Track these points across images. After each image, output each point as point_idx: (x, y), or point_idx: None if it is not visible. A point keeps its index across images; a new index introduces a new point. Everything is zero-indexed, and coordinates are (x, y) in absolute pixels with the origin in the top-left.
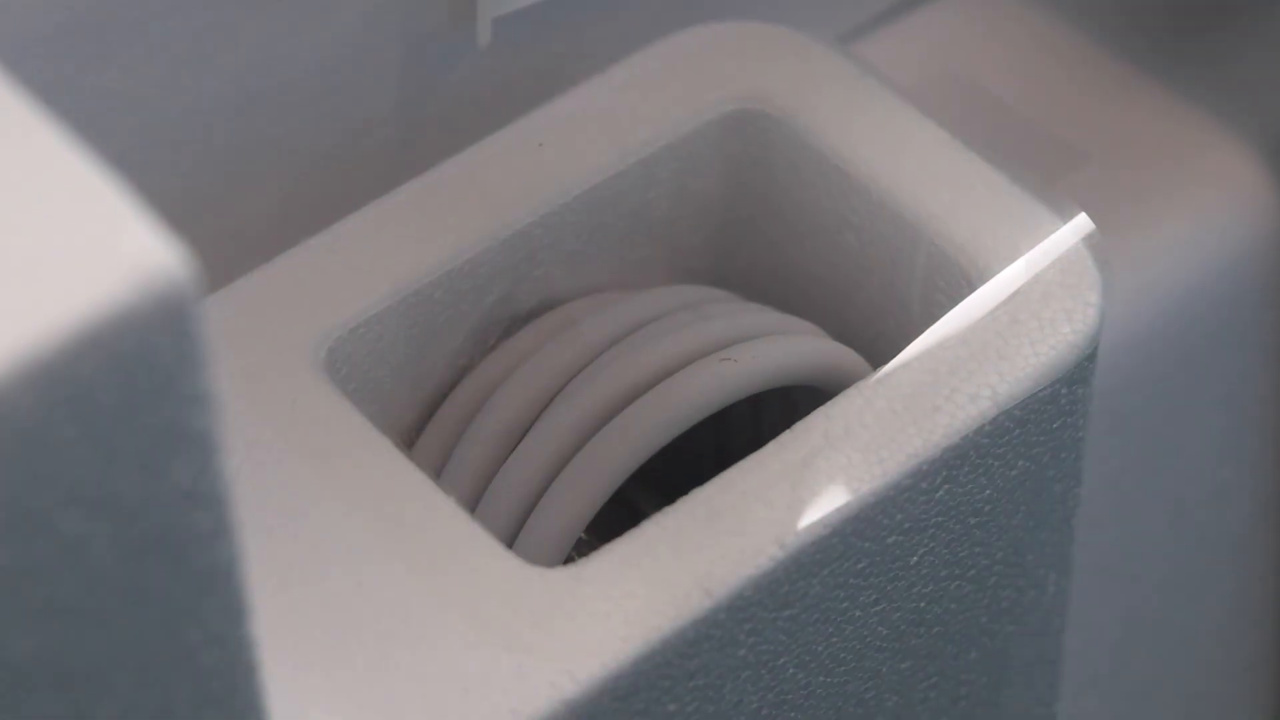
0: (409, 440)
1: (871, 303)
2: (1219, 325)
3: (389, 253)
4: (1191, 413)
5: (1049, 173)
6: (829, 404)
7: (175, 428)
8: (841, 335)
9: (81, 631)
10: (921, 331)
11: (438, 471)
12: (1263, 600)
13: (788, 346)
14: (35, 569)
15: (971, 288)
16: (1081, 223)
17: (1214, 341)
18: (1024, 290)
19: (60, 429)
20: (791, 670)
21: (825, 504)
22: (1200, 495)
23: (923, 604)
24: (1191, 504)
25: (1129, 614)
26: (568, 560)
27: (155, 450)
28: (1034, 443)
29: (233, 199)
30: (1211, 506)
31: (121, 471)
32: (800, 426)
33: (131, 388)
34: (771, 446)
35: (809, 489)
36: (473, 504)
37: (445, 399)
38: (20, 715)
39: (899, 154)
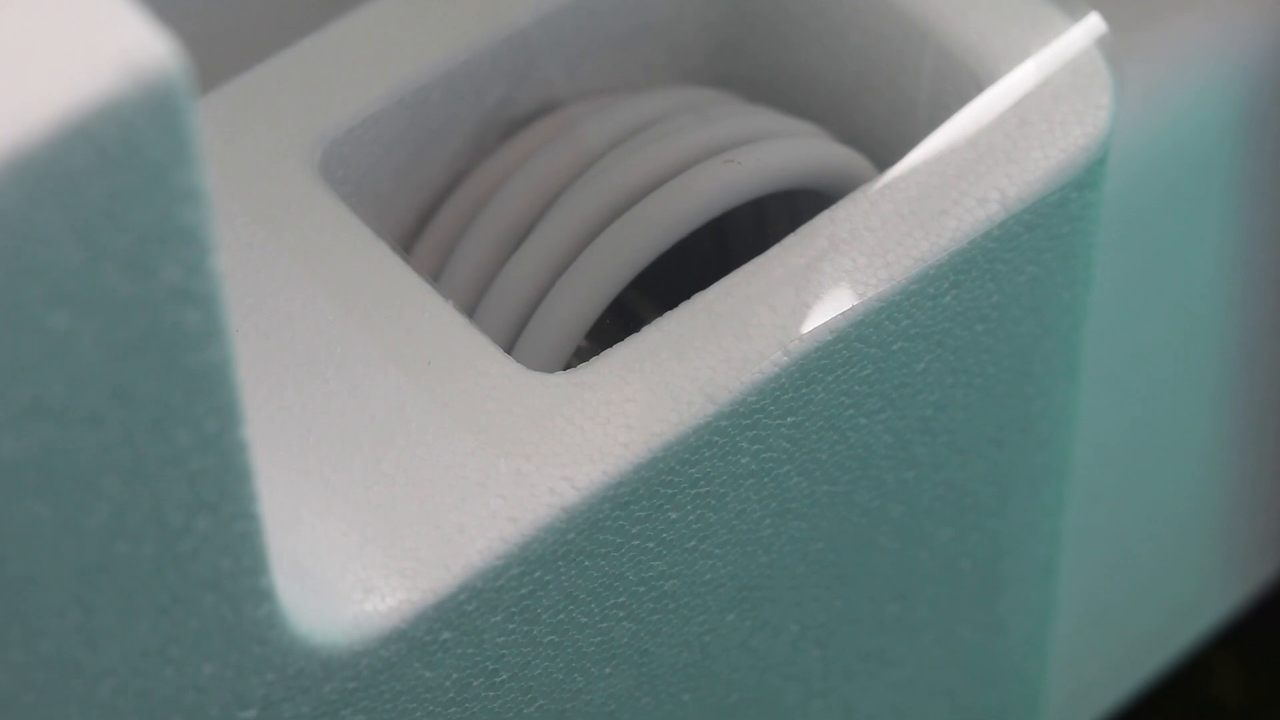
0: (406, 245)
1: (878, 106)
2: (1233, 130)
3: (386, 53)
4: (1203, 219)
5: None
6: (834, 207)
7: (165, 224)
8: (847, 139)
9: (69, 433)
10: (929, 134)
11: (436, 276)
12: (1273, 413)
13: (792, 148)
14: (22, 367)
15: (980, 90)
16: (1093, 23)
17: (1228, 146)
18: (1034, 92)
19: (46, 224)
20: (795, 479)
21: (830, 308)
22: (1211, 303)
23: (928, 412)
24: (1202, 312)
25: (1138, 424)
26: (568, 367)
27: (144, 247)
28: (1043, 248)
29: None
30: (1223, 314)
31: (110, 268)
32: (805, 230)
33: (120, 182)
34: (775, 250)
35: (814, 293)
36: (471, 308)
37: (443, 203)
38: (6, 519)
39: None
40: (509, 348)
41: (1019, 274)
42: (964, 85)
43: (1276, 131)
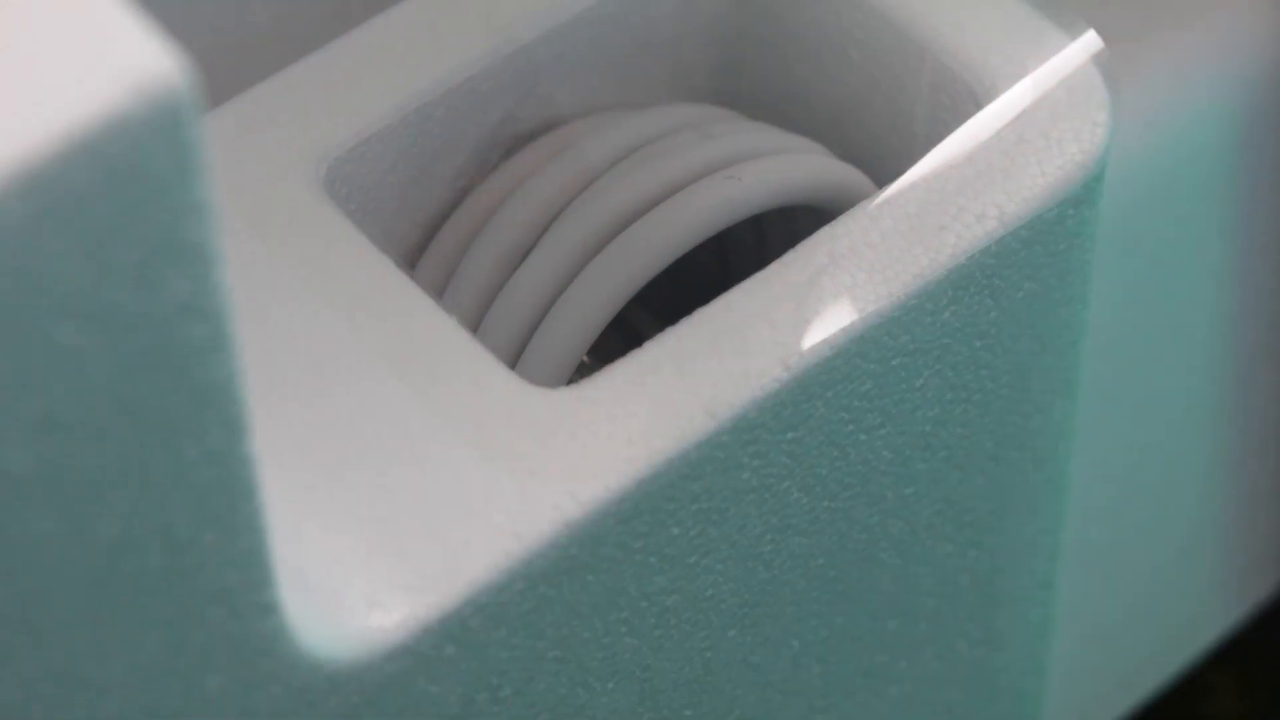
0: (410, 261)
1: (876, 122)
2: (1229, 147)
3: (390, 70)
4: (1200, 236)
5: None
6: (834, 223)
7: (171, 239)
8: (847, 155)
9: (77, 446)
10: (927, 151)
11: (440, 292)
12: (1271, 427)
13: (792, 164)
14: (30, 382)
15: (978, 106)
16: (1090, 40)
17: (1224, 164)
18: (1031, 109)
19: (53, 239)
20: (795, 494)
21: (830, 324)
22: (1209, 320)
23: (927, 428)
24: (1200, 328)
25: (1135, 440)
26: (570, 382)
27: (151, 262)
28: (1040, 264)
29: (231, 13)
30: (1221, 330)
31: (116, 283)
32: (805, 246)
33: (126, 197)
34: (775, 266)
35: (814, 309)
36: (475, 324)
37: (447, 220)
38: (15, 532)
39: None
40: (513, 363)
41: (1017, 290)
42: (962, 102)
43: (1273, 148)
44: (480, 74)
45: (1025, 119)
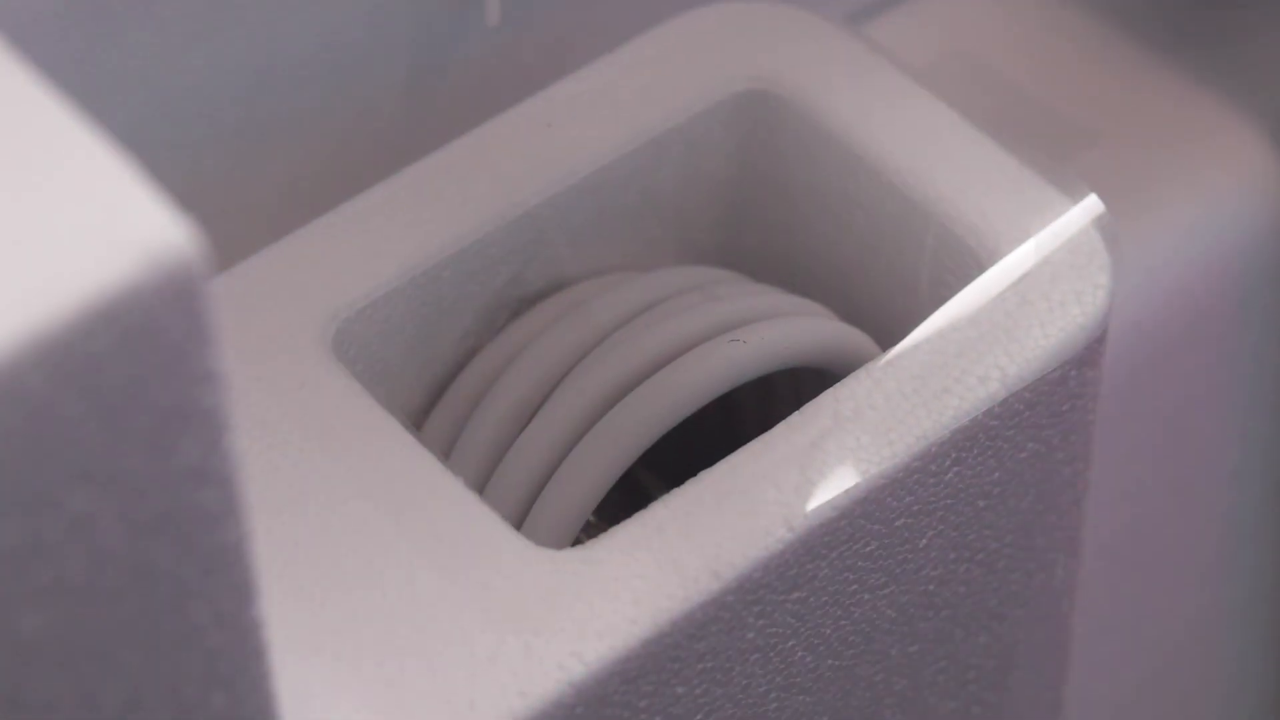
0: (418, 421)
1: (880, 284)
2: (1228, 308)
3: (398, 233)
4: (1200, 396)
5: (1059, 154)
6: (838, 385)
7: (184, 405)
8: (850, 316)
9: (89, 609)
10: (930, 313)
11: (447, 452)
12: (1271, 586)
13: (796, 328)
14: (43, 546)
15: (981, 269)
16: (1091, 204)
17: (1223, 324)
18: (1033, 272)
19: (68, 406)
20: (800, 653)
21: (834, 486)
22: (1210, 479)
23: (931, 587)
24: (1201, 488)
25: (1137, 599)
26: (576, 542)
27: (164, 428)
28: (1043, 425)
29: (241, 178)
30: (1221, 490)
31: (129, 449)
32: (809, 408)
33: (140, 365)
34: (780, 428)
35: (818, 471)
36: (482, 485)
37: (454, 380)
38: (28, 693)
39: (908, 135)
40: (519, 522)
41: (1020, 450)
42: (965, 264)
43: (1273, 307)
44: (487, 237)
45: (1027, 281)
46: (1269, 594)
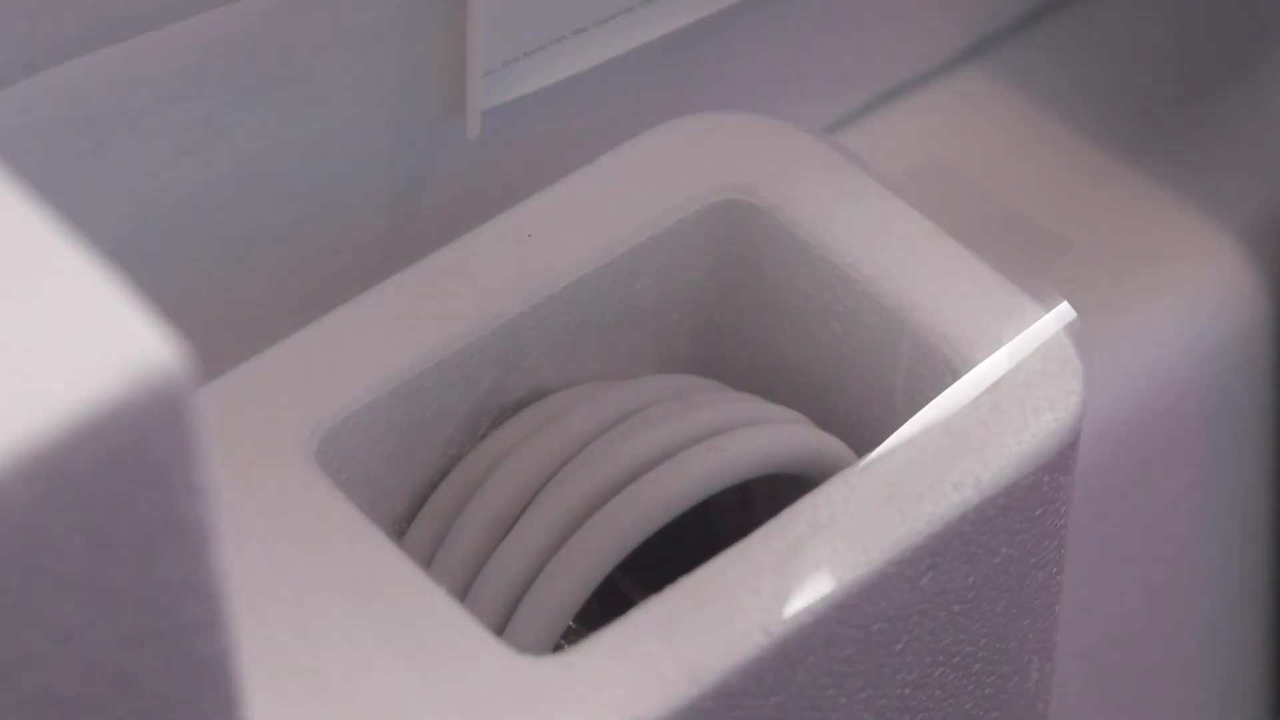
0: (400, 529)
1: (856, 391)
2: (1201, 413)
3: (380, 343)
4: (1173, 500)
5: (1032, 261)
6: (814, 492)
7: (169, 519)
8: (826, 423)
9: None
10: (905, 420)
11: (429, 560)
12: (1248, 688)
13: (773, 435)
14: (29, 659)
15: (955, 376)
16: (1064, 311)
17: (1196, 430)
18: (1006, 379)
19: (55, 521)
20: None
21: (811, 592)
22: (1184, 583)
23: (907, 690)
24: (1175, 592)
25: (1111, 702)
26: (557, 648)
27: (149, 541)
28: (1017, 530)
29: (225, 290)
30: (1195, 595)
31: (116, 563)
32: (786, 514)
33: (126, 480)
34: (758, 535)
35: (795, 577)
36: (463, 592)
37: (436, 488)
38: None
39: (883, 243)
40: (501, 628)
41: (994, 555)
42: (940, 372)
43: (1244, 412)
44: (468, 347)
45: (1001, 389)
46: (1246, 695)
